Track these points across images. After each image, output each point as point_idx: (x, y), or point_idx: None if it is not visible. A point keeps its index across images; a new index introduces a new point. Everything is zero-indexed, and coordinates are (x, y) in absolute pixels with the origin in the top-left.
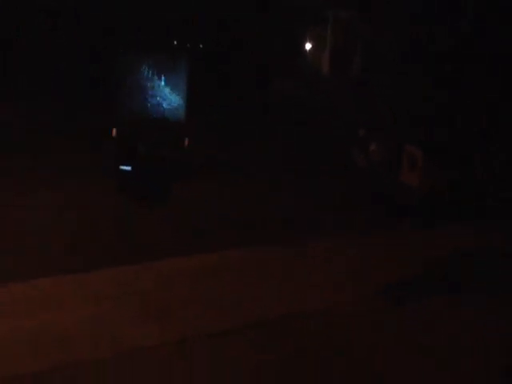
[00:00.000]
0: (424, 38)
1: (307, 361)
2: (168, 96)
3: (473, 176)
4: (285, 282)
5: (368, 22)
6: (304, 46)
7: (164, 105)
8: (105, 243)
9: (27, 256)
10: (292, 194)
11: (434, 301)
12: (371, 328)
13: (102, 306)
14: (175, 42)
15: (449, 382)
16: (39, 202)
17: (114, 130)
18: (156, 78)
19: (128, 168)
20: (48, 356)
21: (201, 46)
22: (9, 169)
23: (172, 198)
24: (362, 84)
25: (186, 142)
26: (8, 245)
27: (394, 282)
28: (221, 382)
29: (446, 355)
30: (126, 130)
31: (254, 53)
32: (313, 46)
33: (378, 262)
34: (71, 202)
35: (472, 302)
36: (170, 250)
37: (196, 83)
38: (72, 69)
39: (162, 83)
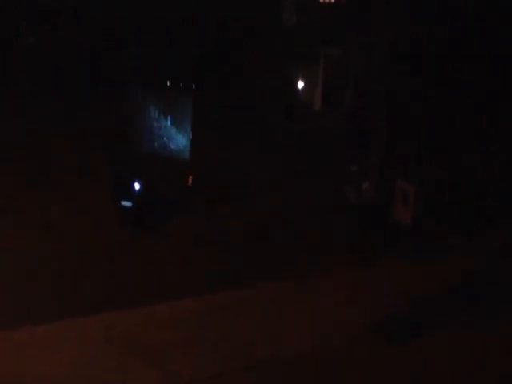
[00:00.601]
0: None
1: None
2: (174, 136)
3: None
4: (278, 320)
5: (359, 57)
6: (295, 84)
7: (170, 144)
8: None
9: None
10: (287, 231)
11: (432, 336)
12: (367, 366)
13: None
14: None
15: None
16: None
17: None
18: (162, 117)
19: (129, 204)
20: None
21: (193, 86)
22: None
23: (173, 229)
24: (354, 119)
25: (190, 181)
26: None
27: (386, 318)
28: None
29: None
30: (129, 166)
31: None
32: (305, 83)
33: (368, 297)
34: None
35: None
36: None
37: (201, 122)
38: (72, 69)
39: (168, 123)
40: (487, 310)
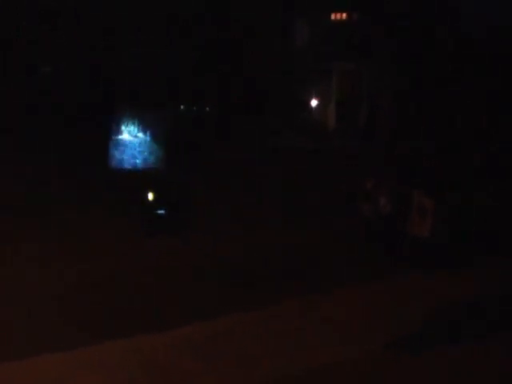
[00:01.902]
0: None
1: None
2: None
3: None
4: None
5: (371, 72)
6: (308, 101)
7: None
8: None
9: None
10: (298, 245)
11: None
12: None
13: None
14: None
15: None
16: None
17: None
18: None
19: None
20: None
21: (207, 109)
22: None
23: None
24: (368, 136)
25: (188, 203)
26: None
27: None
28: None
29: None
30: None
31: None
32: (318, 101)
33: (384, 312)
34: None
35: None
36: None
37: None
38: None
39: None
40: (498, 324)
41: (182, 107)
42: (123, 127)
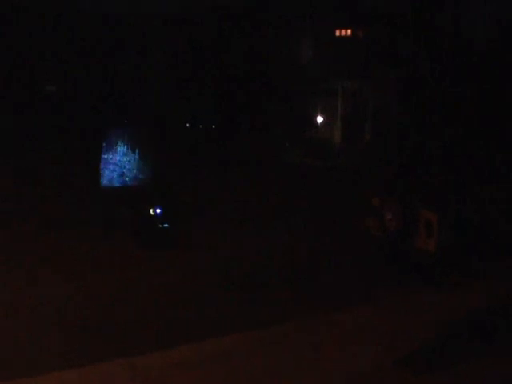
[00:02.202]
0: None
1: None
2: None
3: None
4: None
5: (376, 89)
6: (313, 119)
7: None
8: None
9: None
10: (309, 258)
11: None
12: None
13: None
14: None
15: None
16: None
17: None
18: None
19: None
20: None
21: (213, 126)
22: None
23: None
24: (374, 153)
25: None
26: None
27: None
28: None
29: None
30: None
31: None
32: (323, 118)
33: (396, 328)
34: None
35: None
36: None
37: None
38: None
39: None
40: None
41: (187, 125)
42: (114, 145)
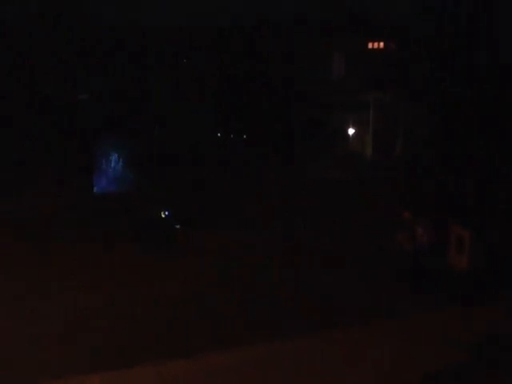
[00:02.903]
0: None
1: None
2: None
3: None
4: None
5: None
6: (345, 132)
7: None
8: None
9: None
10: (332, 276)
11: None
12: None
13: None
14: None
15: None
16: None
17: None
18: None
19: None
20: None
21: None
22: None
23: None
24: (405, 166)
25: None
26: None
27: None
28: None
29: None
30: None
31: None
32: (355, 131)
33: (420, 347)
34: None
35: None
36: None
37: None
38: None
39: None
40: None
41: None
42: (110, 155)
